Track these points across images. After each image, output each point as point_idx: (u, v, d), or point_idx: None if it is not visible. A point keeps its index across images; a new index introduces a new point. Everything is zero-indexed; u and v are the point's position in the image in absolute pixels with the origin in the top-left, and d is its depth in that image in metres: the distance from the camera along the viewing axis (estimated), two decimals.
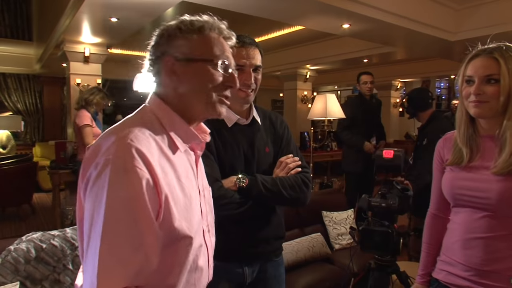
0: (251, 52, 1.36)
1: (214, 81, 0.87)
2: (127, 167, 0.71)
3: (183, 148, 0.88)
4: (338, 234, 3.09)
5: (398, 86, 9.16)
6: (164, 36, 0.87)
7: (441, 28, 4.44)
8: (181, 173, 0.84)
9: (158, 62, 0.87)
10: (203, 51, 0.87)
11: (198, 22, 0.88)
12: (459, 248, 1.23)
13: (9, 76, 7.66)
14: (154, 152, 0.78)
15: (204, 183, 0.98)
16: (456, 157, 1.26)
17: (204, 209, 0.93)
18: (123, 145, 0.73)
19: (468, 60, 1.21)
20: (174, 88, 0.87)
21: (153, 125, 0.83)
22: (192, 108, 0.88)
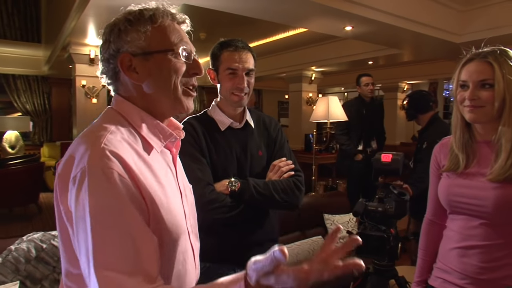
0: (243, 56, 1.37)
1: (178, 71, 0.81)
2: (106, 172, 0.67)
3: (159, 148, 0.83)
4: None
5: (405, 88, 9.09)
6: (114, 32, 0.79)
7: (446, 30, 4.40)
8: (159, 174, 0.79)
9: (113, 62, 0.80)
10: (160, 41, 0.80)
11: (147, 11, 0.80)
12: (455, 256, 1.21)
13: (18, 77, 7.77)
14: (130, 155, 0.73)
15: (184, 183, 0.94)
16: (452, 163, 1.24)
17: (186, 209, 0.89)
18: (97, 151, 0.68)
19: (462, 65, 1.19)
20: (136, 86, 0.81)
21: (123, 127, 0.78)
22: (159, 105, 0.83)
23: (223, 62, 1.36)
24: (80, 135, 0.75)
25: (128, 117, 0.80)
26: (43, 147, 7.91)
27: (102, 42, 0.82)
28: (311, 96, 7.60)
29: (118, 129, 0.76)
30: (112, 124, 0.76)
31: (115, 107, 0.82)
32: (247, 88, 1.38)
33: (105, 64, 0.82)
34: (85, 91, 5.29)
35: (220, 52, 1.37)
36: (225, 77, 1.37)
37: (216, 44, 1.41)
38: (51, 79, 8.06)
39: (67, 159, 0.72)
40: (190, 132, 1.35)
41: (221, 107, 1.44)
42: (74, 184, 0.67)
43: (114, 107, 0.83)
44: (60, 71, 7.08)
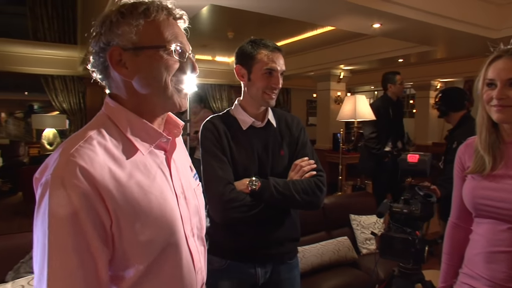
0: (279, 57, 1.40)
1: (170, 69, 0.78)
2: (65, 183, 0.66)
3: (146, 150, 0.80)
4: (366, 239, 3.03)
5: (437, 86, 8.78)
6: (106, 24, 0.76)
7: (482, 25, 4.21)
8: (143, 178, 0.76)
9: (102, 55, 0.77)
10: (152, 36, 0.77)
11: (141, 4, 0.77)
12: (482, 261, 1.17)
13: (56, 77, 8.11)
14: (102, 163, 0.70)
15: (184, 184, 0.88)
16: (478, 165, 1.19)
17: (184, 213, 0.84)
18: (64, 162, 0.67)
19: (489, 62, 1.15)
20: (126, 83, 0.78)
21: (106, 130, 0.76)
22: (149, 103, 0.79)
23: (260, 61, 1.37)
24: (66, 140, 0.75)
25: (115, 119, 0.78)
26: None
27: (93, 35, 0.78)
28: (339, 95, 7.49)
29: (98, 134, 0.74)
30: (95, 129, 0.75)
31: (104, 110, 0.81)
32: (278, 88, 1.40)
33: (95, 58, 0.78)
34: None
35: (256, 52, 1.38)
36: (260, 76, 1.38)
37: (247, 43, 1.42)
38: (85, 79, 8.35)
39: (43, 165, 0.71)
40: (212, 130, 1.38)
41: (244, 106, 1.45)
42: (40, 188, 0.68)
43: (103, 110, 0.81)
44: None
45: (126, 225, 0.71)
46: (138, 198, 0.73)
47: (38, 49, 7.57)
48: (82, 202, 0.66)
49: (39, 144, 7.59)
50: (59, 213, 0.65)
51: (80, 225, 0.66)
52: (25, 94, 12.33)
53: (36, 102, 12.96)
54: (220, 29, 5.84)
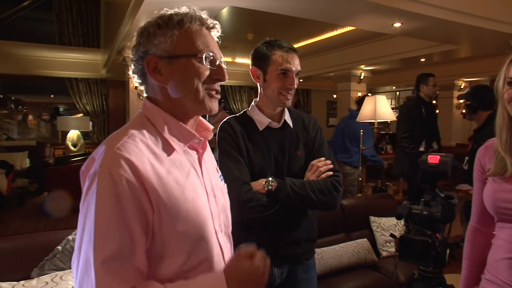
0: (294, 57, 1.40)
1: (201, 76, 0.84)
2: (112, 173, 0.72)
3: (181, 149, 0.86)
4: (386, 241, 2.98)
5: (461, 86, 8.54)
6: (144, 35, 0.84)
7: (509, 22, 4.07)
8: (179, 175, 0.82)
9: (141, 63, 0.85)
10: (185, 46, 0.83)
11: (177, 16, 0.84)
12: (506, 267, 1.13)
13: (80, 80, 8.35)
14: (144, 158, 0.76)
15: (213, 183, 0.94)
16: (499, 167, 1.16)
17: (214, 209, 0.90)
18: (110, 155, 0.74)
19: (511, 60, 1.12)
20: (161, 88, 0.85)
21: (146, 130, 0.82)
22: (182, 106, 0.86)
23: (274, 62, 1.38)
24: (109, 137, 0.81)
25: (152, 120, 0.85)
26: None
27: (134, 44, 0.86)
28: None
29: (139, 132, 0.81)
30: (135, 128, 0.82)
31: (142, 111, 0.88)
32: (294, 89, 1.41)
33: (135, 65, 0.87)
34: (137, 92, 5.56)
35: (271, 53, 1.39)
36: (275, 77, 1.39)
37: (261, 44, 1.43)
38: (108, 81, 8.58)
39: (89, 159, 0.78)
40: (229, 131, 1.39)
41: (261, 107, 1.46)
42: (88, 180, 0.74)
43: (142, 111, 0.88)
44: (116, 74, 7.51)
45: (166, 216, 0.76)
46: (176, 192, 0.79)
47: (64, 53, 7.81)
48: (127, 191, 0.72)
49: (64, 146, 7.81)
50: (106, 200, 0.71)
51: (125, 210, 0.72)
52: (51, 97, 12.73)
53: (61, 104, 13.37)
54: (240, 31, 5.87)
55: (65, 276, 1.77)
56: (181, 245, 0.79)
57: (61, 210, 5.25)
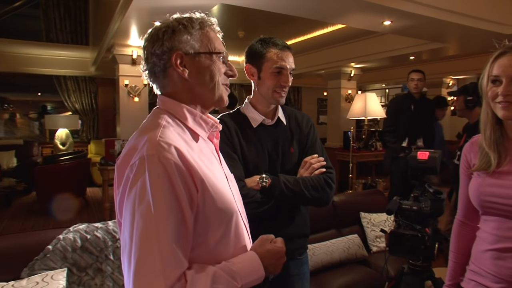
0: (289, 55, 1.41)
1: (221, 72, 0.95)
2: (162, 160, 0.77)
3: (205, 137, 0.95)
4: (376, 236, 3.02)
5: (449, 84, 8.66)
6: (168, 33, 0.90)
7: (495, 21, 4.15)
8: (207, 160, 0.90)
9: (164, 58, 0.90)
10: (207, 44, 0.93)
11: (197, 19, 0.93)
12: (489, 258, 1.17)
13: (69, 78, 8.24)
14: (182, 144, 0.83)
15: (228, 171, 1.04)
16: (483, 162, 1.19)
17: (234, 193, 0.98)
18: (155, 143, 0.79)
19: (494, 59, 1.15)
20: (184, 81, 0.92)
21: (171, 121, 0.89)
22: (203, 98, 0.94)
23: (269, 60, 1.39)
24: (137, 133, 0.88)
25: (174, 112, 0.91)
26: (90, 144, 8.36)
27: (152, 41, 0.91)
28: (350, 93, 7.46)
29: (168, 123, 0.87)
30: (163, 120, 0.87)
31: (161, 107, 0.93)
32: (288, 86, 1.42)
33: (155, 60, 0.91)
34: (127, 90, 5.52)
35: (266, 50, 1.40)
36: (270, 74, 1.40)
37: (256, 42, 1.44)
38: (97, 79, 8.49)
39: (126, 152, 0.83)
40: (223, 128, 1.39)
41: (254, 104, 1.47)
42: (132, 170, 0.78)
43: (161, 106, 0.93)
44: (105, 72, 7.44)
45: (208, 195, 0.83)
46: (208, 175, 0.85)
47: (51, 50, 7.69)
48: (176, 173, 0.77)
49: (52, 144, 7.72)
50: (159, 183, 0.76)
51: (176, 191, 0.77)
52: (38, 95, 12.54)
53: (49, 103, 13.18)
54: (230, 29, 5.86)
55: (56, 276, 1.75)
56: (221, 219, 0.86)
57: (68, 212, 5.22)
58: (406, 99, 3.92)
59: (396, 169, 3.85)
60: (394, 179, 3.99)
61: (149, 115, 0.93)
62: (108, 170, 4.55)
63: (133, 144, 0.83)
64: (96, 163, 5.71)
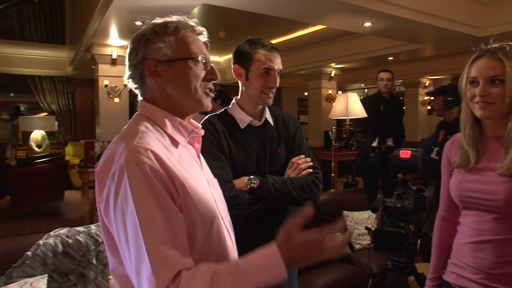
0: (276, 56, 1.42)
1: (198, 77, 0.92)
2: (139, 164, 0.77)
3: (184, 143, 0.93)
4: (359, 234, 3.06)
5: (426, 84, 8.90)
6: (142, 41, 0.90)
7: (469, 23, 4.29)
8: (187, 165, 0.89)
9: (139, 68, 0.91)
10: (182, 50, 0.91)
11: (171, 24, 0.92)
12: (468, 251, 1.22)
13: (44, 78, 8.02)
14: (161, 149, 0.83)
15: (210, 175, 1.03)
16: (463, 159, 1.24)
17: (216, 197, 0.98)
18: (132, 149, 0.79)
19: (472, 61, 1.20)
20: (161, 89, 0.91)
21: (151, 127, 0.88)
22: (181, 105, 0.93)
23: (257, 61, 1.40)
24: (116, 138, 0.87)
25: (153, 118, 0.90)
26: (68, 146, 8.15)
27: (130, 51, 0.92)
28: (330, 93, 7.55)
29: (147, 129, 0.87)
30: (142, 126, 0.87)
31: (141, 112, 0.93)
32: (276, 87, 1.42)
33: (133, 70, 0.92)
34: (107, 90, 5.42)
35: (254, 51, 1.40)
36: (257, 75, 1.40)
37: (244, 43, 1.44)
38: (74, 79, 8.29)
39: (106, 159, 0.83)
40: (210, 130, 1.39)
41: (242, 105, 1.47)
42: (113, 180, 0.78)
43: (141, 112, 0.93)
44: (83, 72, 7.27)
45: (189, 199, 0.83)
46: (188, 179, 0.85)
47: (25, 49, 7.46)
48: (152, 175, 0.77)
49: (27, 147, 7.48)
50: (139, 189, 0.75)
51: (155, 193, 0.76)
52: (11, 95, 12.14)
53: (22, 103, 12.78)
54: (211, 29, 5.82)
55: (35, 283, 1.70)
56: (202, 225, 0.85)
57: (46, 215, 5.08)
58: (376, 99, 3.98)
59: (368, 168, 3.94)
60: (366, 178, 4.08)
61: (130, 121, 0.93)
62: (88, 172, 4.45)
63: (112, 151, 0.82)
64: (75, 165, 5.57)
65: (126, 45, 0.94)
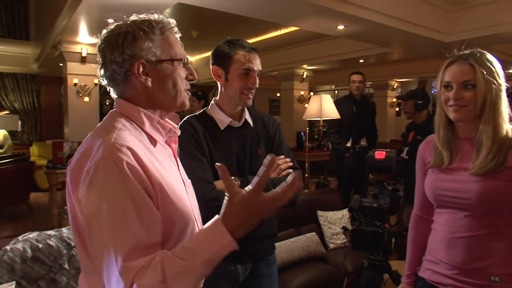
0: (256, 57, 1.43)
1: (182, 78, 0.93)
2: (117, 162, 0.75)
3: (162, 142, 0.93)
4: (333, 234, 3.12)
5: (394, 86, 9.20)
6: (128, 39, 0.86)
7: (435, 29, 4.48)
8: (165, 165, 0.88)
9: (125, 66, 0.87)
10: (170, 51, 0.91)
11: (156, 23, 0.90)
12: (442, 248, 1.27)
13: (6, 75, 7.66)
14: (138, 146, 0.81)
15: (185, 177, 1.01)
16: (437, 160, 1.30)
17: (191, 199, 0.97)
18: (110, 145, 0.77)
19: (446, 66, 1.26)
20: (145, 88, 0.89)
21: (128, 125, 0.86)
22: (163, 105, 0.92)
23: (237, 62, 1.39)
24: (91, 135, 0.84)
25: (131, 116, 0.88)
26: (33, 146, 7.82)
27: (109, 47, 0.87)
28: (302, 94, 7.65)
29: (124, 126, 0.84)
30: (119, 123, 0.85)
31: (118, 110, 0.90)
32: (255, 88, 1.43)
33: (116, 67, 0.87)
34: (77, 89, 5.24)
35: (233, 52, 1.39)
36: (237, 76, 1.39)
37: (223, 43, 1.43)
38: (40, 77, 7.96)
39: (80, 154, 0.80)
40: (190, 131, 1.37)
41: (221, 105, 1.46)
42: (88, 175, 0.75)
43: (117, 109, 0.90)
44: (50, 69, 7.00)
45: (165, 197, 0.81)
46: (164, 178, 0.83)
47: None
48: (128, 172, 0.75)
49: None
50: (115, 185, 0.74)
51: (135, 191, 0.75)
52: None
53: None
54: (183, 28, 5.72)
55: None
56: (178, 225, 0.84)
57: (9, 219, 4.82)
58: (348, 101, 4.07)
59: (342, 168, 4.03)
60: (341, 178, 4.17)
61: (105, 118, 0.90)
62: (57, 173, 4.28)
63: (87, 147, 0.80)
64: (42, 166, 5.34)
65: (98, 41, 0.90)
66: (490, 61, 1.21)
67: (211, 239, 0.77)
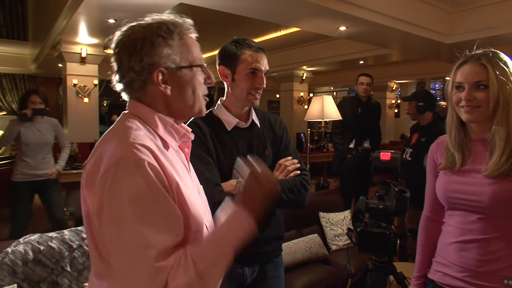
0: (263, 57, 1.41)
1: (201, 83, 0.90)
2: (138, 162, 0.73)
3: (175, 147, 0.89)
4: (335, 235, 3.11)
5: (393, 88, 9.22)
6: (147, 46, 0.82)
7: (436, 30, 4.49)
8: (178, 169, 0.85)
9: (144, 75, 0.83)
10: (187, 56, 0.87)
11: (174, 26, 0.86)
12: (454, 250, 1.25)
13: (4, 76, 7.63)
14: (155, 147, 0.80)
15: (197, 182, 1.00)
16: (449, 161, 1.28)
17: (204, 204, 0.95)
18: (128, 144, 0.75)
19: (457, 67, 1.24)
20: (164, 96, 0.86)
21: (141, 126, 0.83)
22: (180, 112, 0.90)
23: (244, 61, 1.37)
24: (106, 136, 0.83)
25: (145, 118, 0.85)
26: None
27: (126, 53, 0.83)
28: (302, 95, 7.65)
29: (138, 128, 0.82)
30: (133, 124, 0.82)
31: (131, 111, 0.87)
32: (263, 88, 1.41)
33: (134, 76, 0.83)
34: (76, 90, 5.22)
35: (240, 52, 1.38)
36: (244, 76, 1.38)
37: (230, 43, 1.41)
38: (38, 77, 7.93)
39: (96, 157, 0.77)
40: (197, 132, 1.35)
41: (228, 106, 1.44)
42: (108, 176, 0.73)
43: (131, 111, 0.87)
44: (48, 70, 6.98)
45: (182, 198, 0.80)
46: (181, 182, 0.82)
47: None
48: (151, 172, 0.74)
49: None
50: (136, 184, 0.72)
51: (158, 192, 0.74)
52: None
53: None
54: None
55: None
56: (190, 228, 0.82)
57: None
58: (353, 102, 4.06)
59: (345, 170, 4.02)
60: (343, 179, 4.16)
61: (118, 119, 0.87)
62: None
63: (104, 149, 0.78)
64: None
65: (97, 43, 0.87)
66: (504, 61, 1.18)
67: (235, 226, 0.80)
